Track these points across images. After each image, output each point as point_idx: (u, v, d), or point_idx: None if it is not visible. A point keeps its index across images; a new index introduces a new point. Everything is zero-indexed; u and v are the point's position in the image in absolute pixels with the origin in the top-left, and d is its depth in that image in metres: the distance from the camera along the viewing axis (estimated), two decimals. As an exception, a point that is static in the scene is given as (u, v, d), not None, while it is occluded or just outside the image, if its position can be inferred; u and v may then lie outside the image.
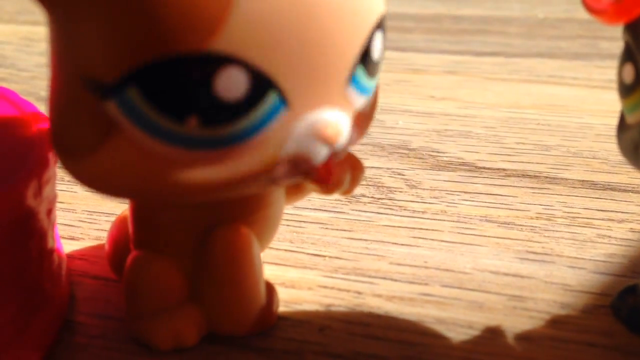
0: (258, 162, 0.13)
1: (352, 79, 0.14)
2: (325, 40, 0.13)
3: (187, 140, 0.13)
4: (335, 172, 0.14)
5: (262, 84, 0.12)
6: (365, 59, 0.14)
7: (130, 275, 0.16)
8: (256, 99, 0.12)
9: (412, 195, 0.22)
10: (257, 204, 0.16)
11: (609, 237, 0.20)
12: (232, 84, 0.12)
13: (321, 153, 0.13)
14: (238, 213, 0.15)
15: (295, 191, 0.17)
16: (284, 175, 0.14)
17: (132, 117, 0.12)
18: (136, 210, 0.16)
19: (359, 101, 0.14)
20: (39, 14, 0.13)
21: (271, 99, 0.13)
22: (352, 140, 0.14)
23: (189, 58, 0.12)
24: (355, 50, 0.14)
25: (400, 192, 0.22)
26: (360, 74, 0.14)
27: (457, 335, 0.16)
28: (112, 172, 0.13)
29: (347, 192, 0.16)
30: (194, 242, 0.15)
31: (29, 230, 0.15)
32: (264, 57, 0.12)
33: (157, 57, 0.12)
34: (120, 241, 0.17)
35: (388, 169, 0.24)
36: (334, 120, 0.13)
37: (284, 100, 0.13)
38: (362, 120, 0.15)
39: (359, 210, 0.21)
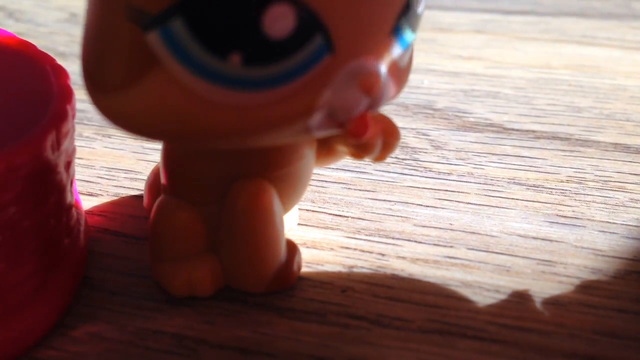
0: (297, 107, 0.13)
1: (396, 30, 0.13)
2: None
3: (228, 79, 0.12)
4: (370, 128, 0.13)
5: (310, 25, 0.12)
6: (409, 11, 0.13)
7: (156, 219, 0.16)
8: (302, 40, 0.12)
9: (437, 156, 0.22)
10: (284, 160, 0.15)
11: (643, 201, 0.19)
12: (280, 21, 0.12)
13: (360, 103, 0.13)
14: (263, 167, 0.15)
15: (326, 154, 0.17)
16: (320, 124, 0.13)
17: (174, 50, 0.12)
18: (166, 158, 0.16)
19: (399, 54, 0.14)
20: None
21: (317, 42, 0.12)
22: (389, 96, 0.14)
23: None
24: (402, 0, 0.13)
25: (425, 152, 0.22)
26: (404, 25, 0.13)
27: (483, 298, 0.16)
28: (146, 109, 0.13)
29: (379, 158, 0.16)
30: (219, 193, 0.15)
31: (48, 184, 0.15)
32: None
33: None
34: (156, 190, 0.17)
35: (412, 129, 0.23)
36: (376, 70, 0.13)
37: (329, 44, 0.12)
38: (399, 76, 0.14)
39: (383, 171, 0.21)
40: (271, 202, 0.15)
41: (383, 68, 0.13)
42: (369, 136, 0.14)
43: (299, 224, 0.18)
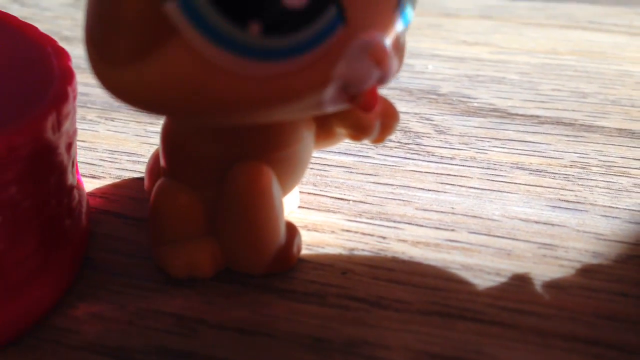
0: (313, 78, 0.13)
1: (399, 5, 0.13)
2: None
3: (246, 49, 0.12)
4: (379, 101, 0.13)
5: None
6: None
7: (155, 201, 0.16)
8: (318, 10, 0.12)
9: (440, 140, 0.21)
10: (282, 142, 0.15)
11: (646, 186, 0.19)
12: None
13: (372, 75, 0.13)
14: (262, 149, 0.15)
15: (324, 136, 0.17)
16: (332, 98, 0.13)
17: (194, 19, 0.12)
18: (166, 141, 0.16)
19: (401, 31, 0.14)
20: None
21: (331, 12, 0.12)
22: (394, 72, 0.14)
23: None
24: None
25: (428, 137, 0.22)
26: (406, 1, 0.14)
27: (483, 282, 0.16)
28: (162, 83, 0.12)
29: (378, 140, 0.16)
30: (217, 176, 0.15)
31: (49, 165, 0.15)
32: None
33: None
34: (156, 173, 0.17)
35: (416, 113, 0.23)
36: (385, 43, 0.13)
37: (342, 16, 0.12)
38: (401, 52, 0.14)
39: (385, 155, 0.21)
40: (270, 184, 0.15)
41: (389, 42, 0.13)
42: (378, 110, 0.14)
43: (300, 206, 0.18)
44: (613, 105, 0.24)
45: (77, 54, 0.28)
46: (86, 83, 0.24)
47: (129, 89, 0.13)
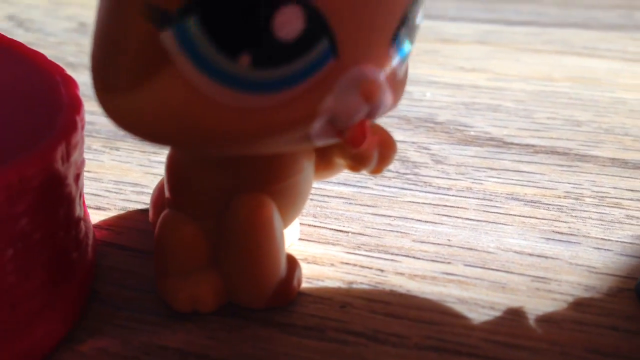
0: (301, 111, 0.13)
1: (396, 39, 0.14)
2: None
3: (237, 81, 0.12)
4: (368, 137, 0.14)
5: (317, 28, 0.12)
6: (407, 21, 0.14)
7: (159, 233, 0.16)
8: (309, 43, 0.12)
9: (438, 170, 0.22)
10: (283, 173, 0.16)
11: (638, 218, 0.19)
12: (290, 22, 0.12)
13: (360, 110, 0.13)
14: (263, 180, 0.15)
15: (324, 167, 0.17)
16: (321, 131, 0.13)
17: (188, 49, 0.12)
18: (170, 172, 0.16)
19: (397, 65, 0.14)
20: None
21: (322, 46, 0.13)
22: (387, 105, 0.14)
23: None
24: (401, 8, 0.13)
25: (425, 167, 0.22)
26: (403, 35, 0.14)
27: (478, 315, 0.16)
28: (154, 111, 0.13)
29: (376, 171, 0.16)
30: (220, 207, 0.15)
31: (58, 196, 0.15)
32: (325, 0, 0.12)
33: None
34: (160, 205, 0.18)
35: (414, 142, 0.24)
36: (377, 78, 0.13)
37: (334, 49, 0.13)
38: (397, 86, 0.14)
39: (383, 186, 0.21)
40: (271, 216, 0.15)
41: (383, 76, 0.14)
42: (367, 146, 0.14)
43: (300, 238, 0.19)
44: (606, 134, 0.24)
45: (82, 80, 0.29)
46: (92, 112, 0.25)
47: (127, 116, 0.13)
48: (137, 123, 0.13)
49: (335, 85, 0.13)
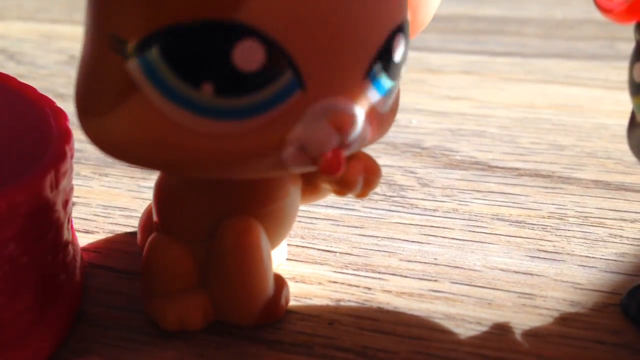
0: (268, 139, 0.13)
1: (371, 75, 0.14)
2: (347, 28, 0.13)
3: (201, 107, 0.13)
4: (343, 166, 0.14)
5: (279, 61, 0.13)
6: (385, 57, 0.14)
7: (147, 255, 0.16)
8: (272, 75, 0.13)
9: (424, 193, 0.22)
10: (270, 197, 0.16)
11: (621, 236, 0.20)
12: (250, 55, 0.12)
13: (330, 140, 0.13)
14: (250, 204, 0.16)
15: (310, 191, 0.17)
16: (292, 158, 0.14)
17: (151, 78, 0.13)
18: (157, 196, 0.16)
19: (376, 99, 0.14)
20: (58, 13, 0.14)
21: (287, 78, 0.13)
22: (365, 139, 0.14)
23: (211, 25, 0.12)
24: (376, 44, 0.14)
25: (412, 190, 0.22)
26: (379, 71, 0.14)
27: (465, 331, 0.16)
28: (125, 133, 0.13)
29: (361, 195, 0.16)
30: (208, 230, 0.16)
31: (46, 222, 0.15)
32: (286, 34, 0.13)
33: (181, 21, 0.12)
34: (148, 228, 0.18)
35: (400, 167, 0.24)
36: (347, 110, 0.13)
37: (300, 81, 0.13)
38: (379, 120, 0.15)
39: (371, 208, 0.21)
40: (258, 239, 0.15)
41: (357, 110, 0.14)
42: (343, 174, 0.14)
43: (288, 258, 0.19)
44: (589, 158, 0.25)
45: (72, 110, 0.29)
46: (80, 140, 0.25)
47: (104, 139, 0.14)
48: (113, 145, 0.14)
49: (304, 115, 0.13)
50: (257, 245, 0.15)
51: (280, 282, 0.17)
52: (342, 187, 0.16)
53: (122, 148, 0.14)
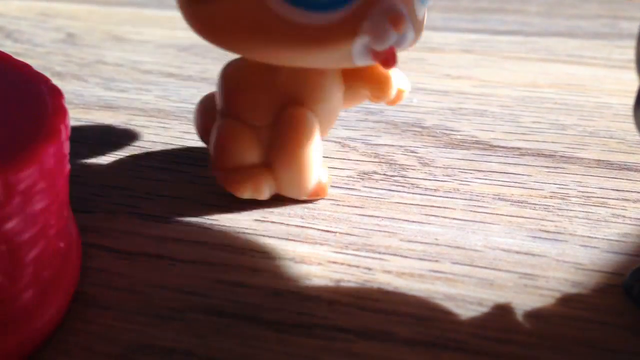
0: (344, 31, 0.16)
1: None
2: None
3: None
4: (397, 60, 0.17)
5: None
6: None
7: (219, 135, 0.19)
8: None
9: (425, 172, 0.22)
10: (323, 96, 0.19)
11: (623, 216, 0.20)
12: None
13: (390, 35, 0.16)
14: (308, 99, 0.19)
15: (351, 95, 0.20)
16: (359, 52, 0.16)
17: None
18: (229, 85, 0.19)
19: (419, 7, 0.17)
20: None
21: None
22: (409, 40, 0.17)
23: None
24: None
25: (412, 169, 0.22)
26: None
27: (466, 311, 0.16)
28: (228, 17, 0.16)
29: (393, 102, 0.21)
30: (272, 117, 0.19)
31: (45, 200, 0.15)
32: None
33: None
34: (207, 114, 0.21)
35: (401, 146, 0.24)
36: (402, 11, 0.16)
37: None
38: (418, 25, 0.18)
39: (371, 187, 0.21)
40: (313, 127, 0.19)
41: (406, 11, 0.16)
42: (395, 66, 0.17)
43: (287, 239, 0.19)
44: (591, 137, 0.24)
45: (69, 89, 0.28)
46: (78, 118, 0.25)
47: (206, 22, 0.17)
48: (215, 28, 0.17)
49: (370, 13, 0.16)
50: (312, 131, 0.19)
51: (323, 175, 0.20)
52: (381, 91, 0.20)
53: (222, 32, 0.17)
